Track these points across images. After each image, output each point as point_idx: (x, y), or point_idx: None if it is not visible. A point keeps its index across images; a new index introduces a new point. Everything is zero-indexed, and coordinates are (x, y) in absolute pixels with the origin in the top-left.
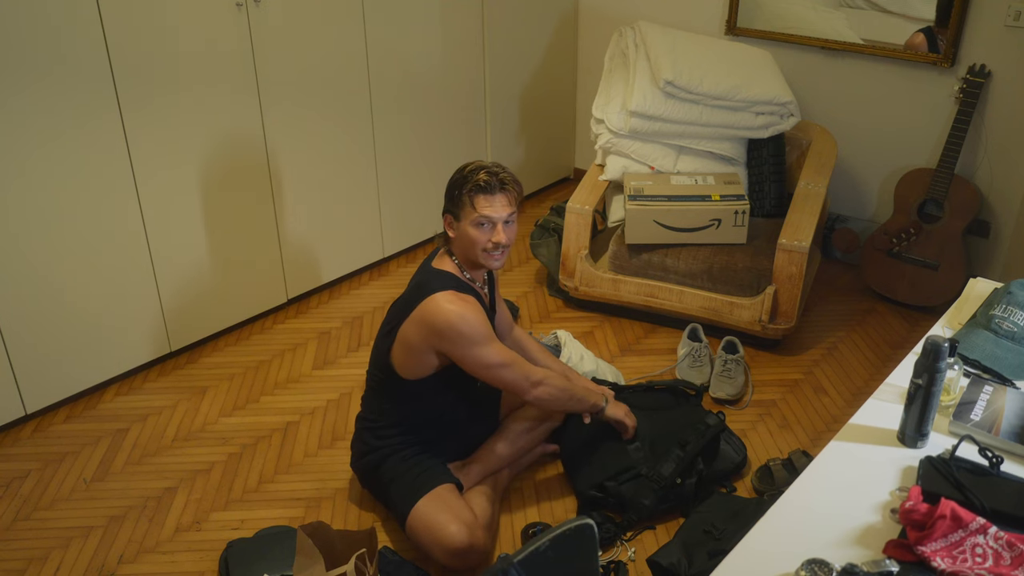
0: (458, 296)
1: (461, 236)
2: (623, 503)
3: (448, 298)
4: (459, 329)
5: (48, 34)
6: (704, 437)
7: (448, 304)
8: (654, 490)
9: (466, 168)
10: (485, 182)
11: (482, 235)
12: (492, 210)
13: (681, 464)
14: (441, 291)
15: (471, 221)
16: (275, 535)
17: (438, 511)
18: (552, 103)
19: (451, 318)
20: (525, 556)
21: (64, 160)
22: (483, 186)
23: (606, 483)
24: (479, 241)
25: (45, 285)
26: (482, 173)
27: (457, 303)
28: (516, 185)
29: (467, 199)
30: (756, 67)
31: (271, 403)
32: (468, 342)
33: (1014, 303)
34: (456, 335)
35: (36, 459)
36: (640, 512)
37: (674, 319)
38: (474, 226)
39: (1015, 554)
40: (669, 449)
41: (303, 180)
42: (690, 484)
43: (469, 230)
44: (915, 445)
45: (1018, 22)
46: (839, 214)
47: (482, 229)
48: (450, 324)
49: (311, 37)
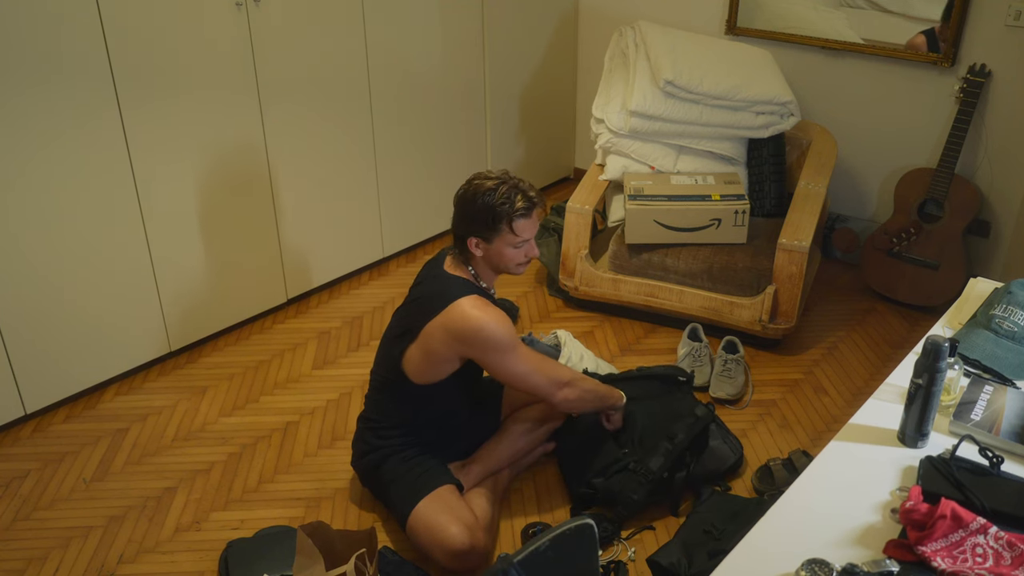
0: (483, 302)
1: (492, 254)
2: (612, 498)
3: (474, 303)
4: (488, 335)
5: (48, 34)
6: (693, 430)
7: (475, 311)
8: (642, 484)
9: (492, 191)
10: (525, 208)
11: (519, 253)
12: (529, 231)
13: (670, 458)
14: (466, 297)
15: (510, 243)
16: (275, 535)
17: (439, 512)
18: (552, 103)
19: (481, 324)
20: (525, 556)
21: (64, 160)
22: (523, 211)
23: (593, 480)
24: (515, 258)
25: (45, 285)
26: (519, 200)
27: (484, 309)
28: (543, 198)
29: (506, 226)
30: (756, 67)
31: (271, 403)
32: (497, 349)
33: (1014, 303)
34: (484, 341)
35: (36, 459)
36: (629, 507)
37: (674, 319)
38: (512, 247)
39: (1015, 554)
40: (657, 443)
41: (303, 180)
42: (680, 478)
43: (506, 250)
44: (915, 445)
45: (1018, 22)
46: (839, 214)
47: (518, 249)
48: (480, 330)
49: (311, 37)
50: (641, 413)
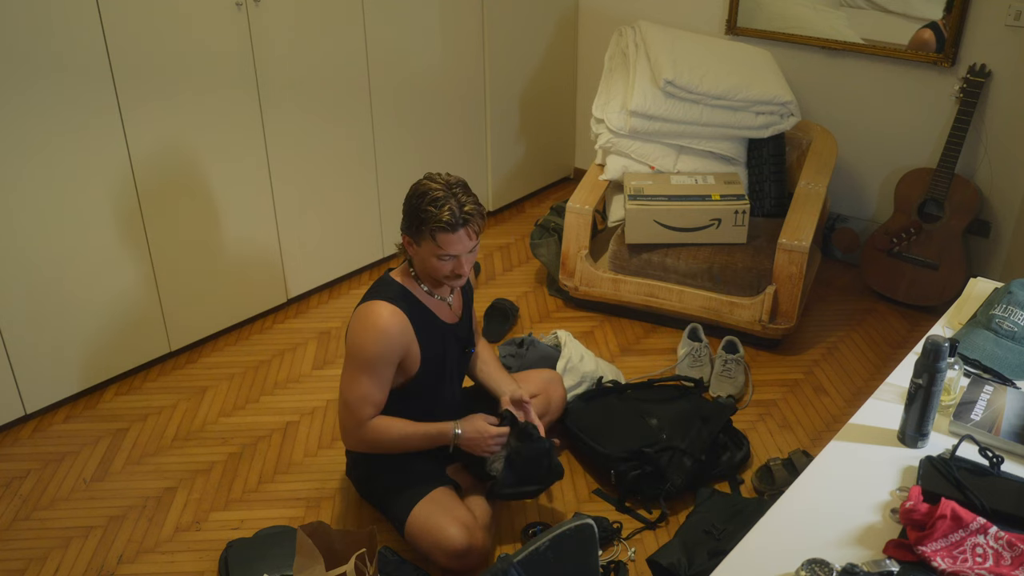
0: (387, 308)
1: (421, 259)
2: (660, 471)
3: (376, 308)
4: (354, 338)
5: (48, 34)
6: (724, 413)
7: (369, 315)
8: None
9: (426, 194)
10: (448, 223)
11: (444, 266)
12: (455, 248)
13: (708, 437)
14: (380, 301)
15: (432, 253)
16: (275, 535)
17: (436, 514)
18: (552, 103)
19: (357, 326)
20: (525, 556)
21: (64, 160)
22: (446, 225)
23: (644, 448)
24: (441, 270)
25: (45, 285)
26: (445, 211)
27: (378, 315)
28: (479, 218)
29: (428, 234)
30: (756, 67)
31: (271, 403)
32: (351, 354)
33: (1014, 303)
34: (350, 340)
35: (36, 459)
36: (682, 475)
37: (674, 319)
38: (435, 257)
39: (1015, 554)
40: (691, 423)
41: (303, 180)
42: (724, 461)
43: (430, 259)
44: (915, 445)
45: (1018, 22)
46: (839, 214)
47: (443, 262)
48: (353, 331)
49: (311, 37)
50: (664, 409)
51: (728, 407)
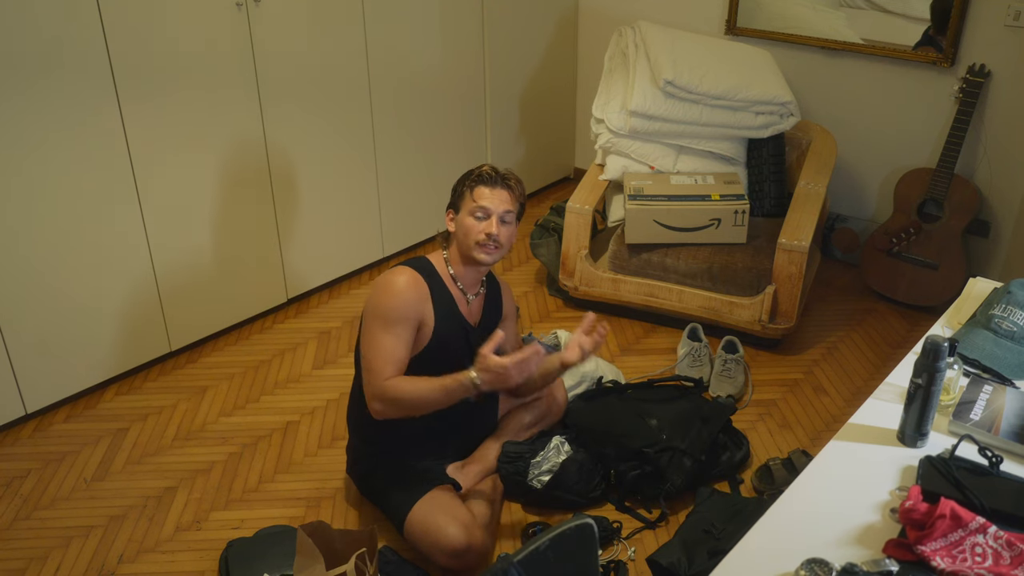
0: (408, 272)
1: (459, 228)
2: (660, 471)
3: (397, 271)
4: (376, 293)
5: (48, 33)
6: (723, 413)
7: (389, 275)
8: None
9: (473, 170)
10: (487, 175)
11: (477, 225)
12: (490, 201)
13: (708, 437)
14: (402, 266)
15: (469, 211)
16: (275, 535)
17: (435, 513)
18: (552, 103)
19: (377, 288)
20: (525, 556)
21: (64, 159)
22: (484, 178)
23: (644, 449)
24: (474, 230)
25: (45, 285)
26: (485, 168)
27: (398, 275)
28: (519, 185)
29: (467, 190)
30: (756, 67)
31: (271, 403)
32: (371, 310)
33: (1014, 303)
34: (370, 303)
35: (36, 459)
36: (682, 476)
37: (674, 319)
38: (471, 215)
39: (1015, 553)
40: (691, 423)
41: (303, 179)
42: (723, 461)
43: (466, 220)
44: (915, 445)
45: (1018, 22)
46: (839, 214)
47: (478, 219)
48: (373, 293)
49: (311, 37)
50: (668, 408)
51: (728, 407)
